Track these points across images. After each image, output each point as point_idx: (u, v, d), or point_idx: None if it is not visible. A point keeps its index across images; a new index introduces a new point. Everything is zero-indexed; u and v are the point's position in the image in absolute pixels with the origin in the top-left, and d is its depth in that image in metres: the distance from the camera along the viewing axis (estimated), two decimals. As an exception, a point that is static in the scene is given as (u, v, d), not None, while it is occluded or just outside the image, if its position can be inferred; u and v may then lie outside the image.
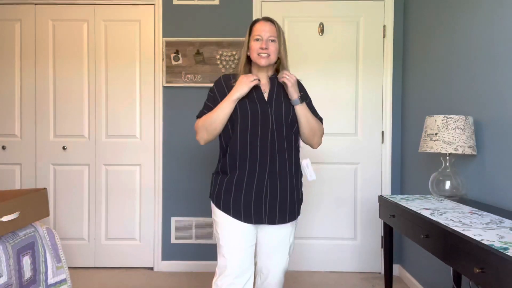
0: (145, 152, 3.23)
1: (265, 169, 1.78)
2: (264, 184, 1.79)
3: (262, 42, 1.78)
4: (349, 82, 3.16)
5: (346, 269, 3.20)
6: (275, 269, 1.89)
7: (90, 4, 3.19)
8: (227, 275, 1.79)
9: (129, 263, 3.24)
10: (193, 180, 3.20)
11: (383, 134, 3.16)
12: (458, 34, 2.26)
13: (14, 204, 1.72)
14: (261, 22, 1.82)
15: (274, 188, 1.80)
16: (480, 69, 2.03)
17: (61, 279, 1.94)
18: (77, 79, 3.22)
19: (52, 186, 3.23)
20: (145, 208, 3.23)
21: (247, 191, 1.79)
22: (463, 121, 1.94)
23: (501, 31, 1.87)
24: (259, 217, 1.79)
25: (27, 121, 3.22)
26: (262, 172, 1.78)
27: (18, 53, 3.22)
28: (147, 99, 3.22)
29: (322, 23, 3.16)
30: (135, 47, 3.21)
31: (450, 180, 2.02)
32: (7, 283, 1.61)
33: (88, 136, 3.23)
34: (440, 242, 1.47)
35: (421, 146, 2.07)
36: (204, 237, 3.21)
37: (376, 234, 3.18)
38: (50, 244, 1.93)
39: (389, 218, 2.05)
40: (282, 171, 1.81)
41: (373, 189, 3.18)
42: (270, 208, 1.80)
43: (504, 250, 1.13)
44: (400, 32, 3.14)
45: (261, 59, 1.79)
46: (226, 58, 3.14)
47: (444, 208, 1.77)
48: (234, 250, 1.79)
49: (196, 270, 3.19)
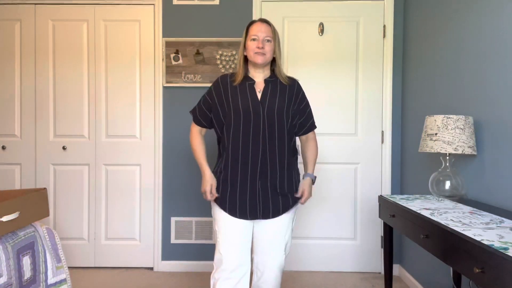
0: (145, 152, 3.23)
1: (256, 168, 1.85)
2: (256, 182, 1.85)
3: (258, 42, 1.85)
4: (349, 82, 3.16)
5: (346, 269, 3.20)
6: (271, 265, 1.92)
7: (90, 4, 3.19)
8: (223, 270, 1.85)
9: (129, 263, 3.24)
10: (193, 180, 3.20)
11: (383, 134, 3.16)
12: (458, 34, 2.26)
13: (14, 204, 1.72)
14: (257, 23, 1.89)
15: (265, 186, 1.86)
16: (480, 69, 2.03)
17: (61, 279, 1.94)
18: (77, 79, 3.22)
19: (52, 186, 3.23)
20: (145, 208, 3.23)
21: (242, 191, 1.85)
22: (463, 121, 1.94)
23: (501, 31, 1.87)
24: (254, 213, 1.86)
25: (27, 121, 3.22)
26: (254, 171, 1.85)
27: (18, 53, 3.22)
28: (147, 99, 3.22)
29: (322, 23, 3.16)
30: (135, 47, 3.21)
31: (450, 180, 2.02)
32: (7, 283, 1.61)
33: (88, 136, 3.23)
34: (440, 242, 1.47)
35: (421, 146, 2.07)
36: (204, 237, 3.21)
37: (376, 234, 3.18)
38: (50, 244, 1.93)
39: (389, 218, 2.05)
40: (273, 169, 1.87)
41: (373, 189, 3.18)
42: (264, 205, 1.86)
43: (504, 250, 1.13)
44: (400, 32, 3.14)
45: (258, 57, 1.85)
46: (226, 58, 3.14)
47: (444, 208, 1.77)
48: (230, 245, 1.85)
49: (196, 270, 3.19)
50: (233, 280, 1.84)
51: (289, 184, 1.92)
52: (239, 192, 1.85)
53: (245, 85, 1.88)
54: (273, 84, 1.90)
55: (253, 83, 1.89)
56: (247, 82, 1.89)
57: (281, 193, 1.89)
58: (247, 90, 1.87)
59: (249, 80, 1.90)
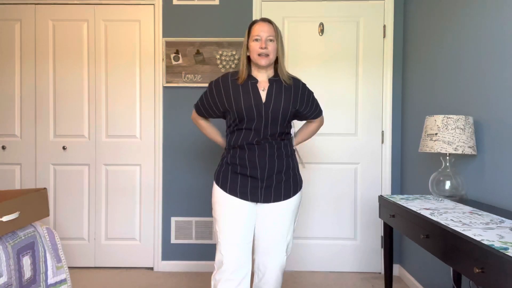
0: (145, 152, 3.23)
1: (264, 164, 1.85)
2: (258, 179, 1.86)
3: (261, 42, 1.83)
4: (349, 82, 3.16)
5: (346, 269, 3.20)
6: (272, 266, 1.91)
7: (90, 4, 3.19)
8: (224, 271, 1.84)
9: (129, 263, 3.24)
10: (193, 180, 3.20)
11: (383, 134, 3.16)
12: (459, 34, 2.26)
13: (14, 204, 1.72)
14: (259, 23, 1.87)
15: (269, 183, 1.87)
16: (480, 69, 2.03)
17: (61, 279, 1.94)
18: (77, 79, 3.22)
19: (52, 186, 3.23)
20: (145, 208, 3.23)
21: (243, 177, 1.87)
22: (463, 121, 1.94)
23: (501, 30, 1.87)
24: (255, 195, 1.87)
25: (27, 121, 3.22)
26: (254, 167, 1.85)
27: (18, 53, 3.22)
28: (147, 99, 3.22)
29: (322, 23, 3.16)
30: (135, 47, 3.21)
31: (450, 180, 2.02)
32: (7, 283, 1.61)
33: (88, 136, 3.23)
34: (440, 242, 1.47)
35: (421, 146, 2.07)
36: (204, 237, 3.21)
37: (376, 234, 3.18)
38: (50, 244, 1.93)
39: (389, 218, 2.05)
40: (274, 162, 1.88)
41: (373, 189, 3.18)
42: (266, 189, 1.87)
43: (504, 250, 1.13)
44: (400, 32, 3.14)
45: (261, 60, 1.83)
46: (226, 58, 3.14)
47: (444, 208, 1.77)
48: (231, 246, 1.84)
49: (196, 270, 3.20)
50: (234, 282, 1.82)
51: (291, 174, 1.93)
52: (240, 177, 1.87)
53: (248, 84, 1.87)
54: (278, 83, 1.89)
55: (255, 82, 1.87)
56: (250, 81, 1.87)
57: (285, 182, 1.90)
58: (249, 89, 1.86)
59: (252, 79, 1.88)
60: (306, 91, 1.96)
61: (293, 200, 1.92)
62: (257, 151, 1.85)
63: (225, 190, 1.87)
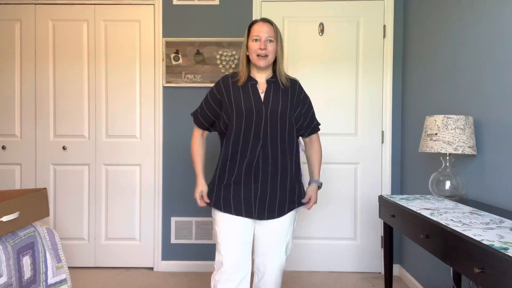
0: (145, 152, 3.23)
1: (258, 169, 1.83)
2: (253, 183, 1.83)
3: (260, 43, 1.82)
4: (349, 82, 3.16)
5: (346, 269, 3.20)
6: (271, 266, 1.91)
7: (90, 4, 3.19)
8: (223, 271, 1.84)
9: (129, 263, 3.24)
10: (193, 180, 3.20)
11: (383, 134, 3.16)
12: (458, 34, 2.26)
13: (14, 204, 1.72)
14: (259, 23, 1.86)
15: (265, 188, 1.84)
16: (480, 69, 2.03)
17: (61, 279, 1.94)
18: (77, 79, 3.22)
19: (52, 186, 3.23)
20: (145, 208, 3.23)
21: (236, 191, 1.84)
22: (463, 121, 1.94)
23: (502, 31, 1.87)
24: (249, 212, 1.84)
25: (27, 121, 3.22)
26: (254, 172, 1.83)
27: (18, 53, 3.22)
28: (147, 99, 3.22)
29: (322, 23, 3.16)
30: (135, 47, 3.21)
31: (450, 180, 2.02)
32: (7, 283, 1.61)
33: (88, 136, 3.23)
34: (440, 242, 1.47)
35: (421, 146, 2.07)
36: (204, 237, 3.21)
37: (376, 234, 3.18)
38: (50, 244, 1.93)
39: (389, 218, 2.05)
40: (273, 171, 1.85)
41: (373, 189, 3.18)
42: (260, 205, 1.84)
43: (504, 250, 1.13)
44: (400, 32, 3.14)
45: (260, 61, 1.83)
46: (226, 58, 3.14)
47: (444, 208, 1.77)
48: (230, 247, 1.84)
49: (196, 270, 3.19)
50: (234, 282, 1.82)
51: (292, 184, 1.90)
52: (233, 192, 1.84)
53: (248, 86, 1.86)
54: (275, 85, 1.88)
55: (255, 83, 1.87)
56: (250, 82, 1.87)
57: (281, 194, 1.87)
58: (249, 90, 1.85)
59: (251, 80, 1.88)
60: (302, 93, 1.96)
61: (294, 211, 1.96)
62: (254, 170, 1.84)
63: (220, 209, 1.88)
